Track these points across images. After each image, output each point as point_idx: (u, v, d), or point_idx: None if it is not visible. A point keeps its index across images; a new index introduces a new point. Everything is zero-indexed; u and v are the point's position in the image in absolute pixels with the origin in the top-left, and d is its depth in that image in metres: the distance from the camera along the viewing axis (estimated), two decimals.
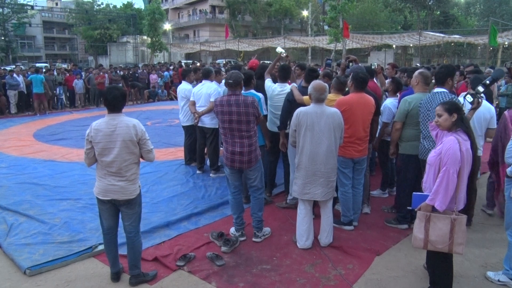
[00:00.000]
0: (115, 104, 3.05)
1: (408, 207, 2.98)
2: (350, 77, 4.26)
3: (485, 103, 4.39)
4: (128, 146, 3.03)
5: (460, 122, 2.86)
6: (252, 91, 4.76)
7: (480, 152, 4.39)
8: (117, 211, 3.21)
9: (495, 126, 4.42)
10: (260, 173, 4.01)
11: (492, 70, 8.37)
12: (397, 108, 4.30)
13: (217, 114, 3.92)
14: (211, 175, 6.07)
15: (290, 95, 4.49)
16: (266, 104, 4.97)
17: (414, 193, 2.99)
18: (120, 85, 15.18)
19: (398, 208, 4.43)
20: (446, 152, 2.76)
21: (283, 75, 4.94)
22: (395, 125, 4.22)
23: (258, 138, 4.10)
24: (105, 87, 14.87)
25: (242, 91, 4.61)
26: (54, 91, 14.35)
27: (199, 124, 5.92)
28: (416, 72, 4.22)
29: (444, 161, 2.76)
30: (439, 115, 2.89)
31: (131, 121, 3.08)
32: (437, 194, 2.77)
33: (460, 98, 5.03)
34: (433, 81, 4.41)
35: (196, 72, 6.97)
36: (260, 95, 4.77)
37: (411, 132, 4.10)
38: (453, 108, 2.87)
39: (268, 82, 4.97)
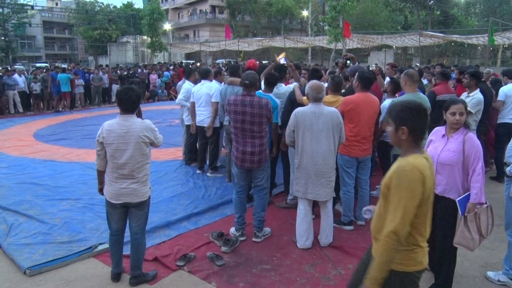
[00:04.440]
0: (128, 105, 3.03)
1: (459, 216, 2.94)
2: (356, 76, 4.24)
3: None
4: (141, 148, 3.03)
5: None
6: (271, 95, 4.55)
7: None
8: (126, 213, 3.20)
9: None
10: (267, 173, 4.02)
11: (491, 70, 8.37)
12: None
13: (229, 113, 3.92)
14: (208, 174, 6.06)
15: (292, 94, 4.48)
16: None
17: (458, 199, 2.90)
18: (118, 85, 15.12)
19: None
20: (476, 149, 2.86)
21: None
22: (383, 126, 4.23)
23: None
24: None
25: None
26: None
27: (200, 124, 5.91)
28: (402, 73, 4.24)
29: (476, 156, 2.85)
30: (462, 114, 2.93)
31: (144, 122, 3.08)
32: (481, 190, 2.83)
33: (467, 99, 5.04)
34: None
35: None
36: (278, 101, 4.57)
37: None
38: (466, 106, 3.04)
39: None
